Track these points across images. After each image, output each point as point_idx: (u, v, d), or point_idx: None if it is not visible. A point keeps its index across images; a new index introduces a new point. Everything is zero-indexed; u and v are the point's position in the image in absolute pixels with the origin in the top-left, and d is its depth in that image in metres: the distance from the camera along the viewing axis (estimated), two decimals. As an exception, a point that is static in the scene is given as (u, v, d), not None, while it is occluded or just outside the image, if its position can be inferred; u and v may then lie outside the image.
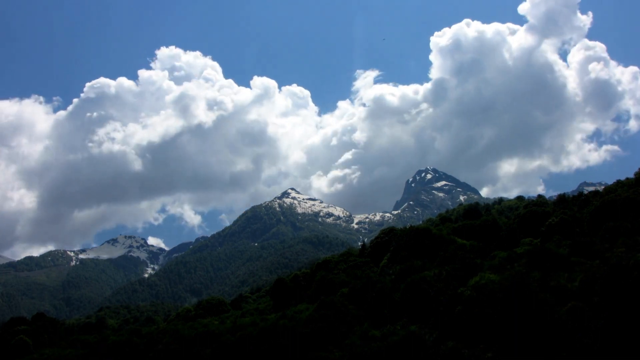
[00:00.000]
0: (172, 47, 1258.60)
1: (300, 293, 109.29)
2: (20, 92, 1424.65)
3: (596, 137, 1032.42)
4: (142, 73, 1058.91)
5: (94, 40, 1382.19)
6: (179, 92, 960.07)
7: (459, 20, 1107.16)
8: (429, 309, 67.69)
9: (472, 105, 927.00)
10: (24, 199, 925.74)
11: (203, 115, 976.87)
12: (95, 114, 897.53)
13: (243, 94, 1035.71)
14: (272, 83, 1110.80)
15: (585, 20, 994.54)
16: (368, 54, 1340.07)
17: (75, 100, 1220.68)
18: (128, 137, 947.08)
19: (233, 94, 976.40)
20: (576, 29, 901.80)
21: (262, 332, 75.56)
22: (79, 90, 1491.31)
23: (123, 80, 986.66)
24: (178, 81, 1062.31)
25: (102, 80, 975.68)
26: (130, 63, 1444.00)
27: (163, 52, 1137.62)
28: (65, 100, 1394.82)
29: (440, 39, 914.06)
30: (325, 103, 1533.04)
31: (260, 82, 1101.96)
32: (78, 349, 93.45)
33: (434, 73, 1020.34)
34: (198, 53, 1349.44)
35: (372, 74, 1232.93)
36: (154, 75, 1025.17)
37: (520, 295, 59.12)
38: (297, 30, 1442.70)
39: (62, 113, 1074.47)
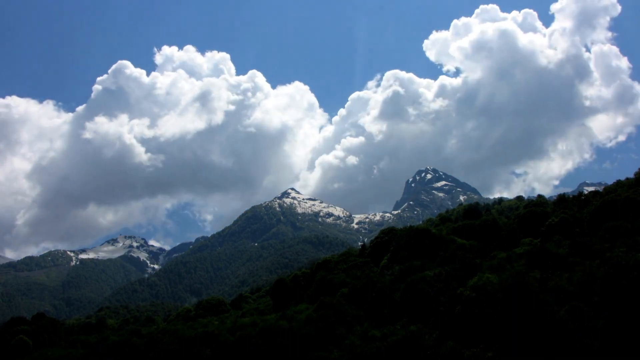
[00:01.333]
0: (189, 46, 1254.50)
1: (300, 293, 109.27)
2: (25, 89, 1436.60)
3: (614, 147, 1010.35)
4: (157, 73, 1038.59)
5: (107, 41, 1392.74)
6: (195, 91, 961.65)
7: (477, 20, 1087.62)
8: (429, 309, 67.67)
9: (486, 107, 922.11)
10: (26, 198, 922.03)
11: (218, 115, 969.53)
12: (103, 111, 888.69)
13: (260, 95, 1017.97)
14: (304, 87, 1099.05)
15: (612, 35, 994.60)
16: (378, 56, 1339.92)
17: (82, 98, 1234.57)
18: (138, 134, 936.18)
19: (252, 95, 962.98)
20: (605, 40, 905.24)
21: (262, 332, 75.50)
22: (86, 93, 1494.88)
23: (137, 77, 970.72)
24: (195, 79, 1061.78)
25: (114, 75, 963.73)
26: (142, 63, 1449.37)
27: (178, 51, 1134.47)
28: (72, 102, 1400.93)
29: (462, 40, 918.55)
30: (336, 106, 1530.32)
31: (292, 87, 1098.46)
32: (78, 349, 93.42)
33: (451, 72, 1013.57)
34: (215, 52, 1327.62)
35: (385, 74, 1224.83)
36: (170, 74, 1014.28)
37: (520, 295, 59.11)
38: (309, 33, 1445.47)
39: (67, 111, 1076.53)
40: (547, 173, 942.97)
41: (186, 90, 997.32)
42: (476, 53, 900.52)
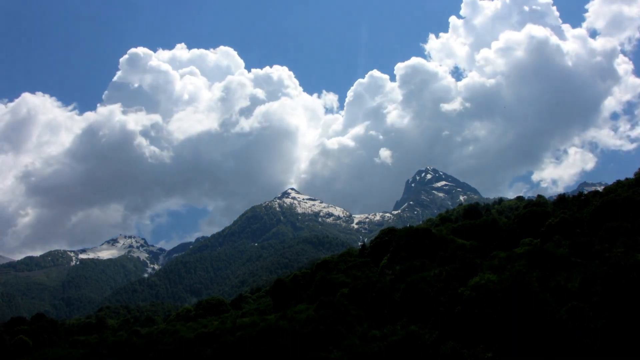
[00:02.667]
0: (181, 44, 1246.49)
1: (300, 293, 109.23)
2: (31, 87, 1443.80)
3: (633, 154, 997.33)
4: (173, 71, 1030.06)
5: (119, 41, 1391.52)
6: (212, 93, 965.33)
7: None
8: (429, 309, 67.66)
9: (495, 111, 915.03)
10: (28, 197, 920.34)
11: (219, 115, 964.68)
12: (112, 109, 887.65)
13: (268, 95, 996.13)
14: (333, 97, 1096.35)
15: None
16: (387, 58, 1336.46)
17: (87, 97, 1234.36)
18: (144, 133, 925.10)
19: (262, 95, 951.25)
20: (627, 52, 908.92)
21: (261, 333, 75.55)
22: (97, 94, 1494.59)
23: (152, 73, 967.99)
24: (211, 80, 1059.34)
25: (129, 72, 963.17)
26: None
27: (193, 50, 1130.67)
28: (79, 102, 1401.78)
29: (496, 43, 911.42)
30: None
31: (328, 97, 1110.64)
32: (78, 349, 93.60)
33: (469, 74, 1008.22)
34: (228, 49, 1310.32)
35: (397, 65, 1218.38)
36: (186, 72, 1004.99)
37: (520, 295, 59.13)
38: (325, 34, 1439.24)
39: (73, 110, 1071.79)
40: (559, 179, 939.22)
41: (194, 88, 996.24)
42: (493, 56, 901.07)
